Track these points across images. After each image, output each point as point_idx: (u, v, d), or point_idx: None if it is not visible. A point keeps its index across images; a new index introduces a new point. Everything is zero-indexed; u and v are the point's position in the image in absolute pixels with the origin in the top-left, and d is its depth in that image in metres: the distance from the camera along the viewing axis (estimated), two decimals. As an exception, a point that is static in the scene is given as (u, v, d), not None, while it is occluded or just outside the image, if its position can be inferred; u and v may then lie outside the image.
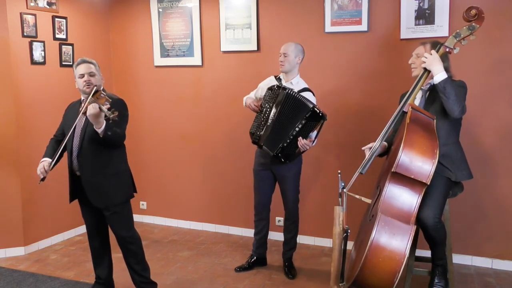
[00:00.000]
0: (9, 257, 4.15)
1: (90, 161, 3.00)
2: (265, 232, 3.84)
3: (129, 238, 3.16)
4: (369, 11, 3.94)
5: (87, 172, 3.02)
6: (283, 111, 3.40)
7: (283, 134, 3.41)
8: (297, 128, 3.37)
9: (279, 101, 3.41)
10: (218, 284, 3.59)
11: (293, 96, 3.37)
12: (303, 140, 3.37)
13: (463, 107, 2.83)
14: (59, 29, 4.46)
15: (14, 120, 4.12)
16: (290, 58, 3.50)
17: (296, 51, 3.52)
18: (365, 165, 2.86)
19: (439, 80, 2.79)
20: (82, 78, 2.96)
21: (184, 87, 4.79)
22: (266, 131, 3.47)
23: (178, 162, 4.91)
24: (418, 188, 2.67)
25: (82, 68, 2.98)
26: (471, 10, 2.86)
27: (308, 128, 3.39)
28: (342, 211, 2.52)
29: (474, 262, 3.85)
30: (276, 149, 3.44)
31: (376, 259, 2.50)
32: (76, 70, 3.00)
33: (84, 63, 2.99)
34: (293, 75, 3.57)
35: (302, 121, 3.35)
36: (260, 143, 3.51)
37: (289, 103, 3.38)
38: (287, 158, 3.48)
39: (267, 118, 3.46)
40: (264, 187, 3.73)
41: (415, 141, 2.66)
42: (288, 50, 3.51)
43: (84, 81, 2.95)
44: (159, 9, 4.75)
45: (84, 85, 2.96)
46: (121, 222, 3.13)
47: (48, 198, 4.43)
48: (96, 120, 2.78)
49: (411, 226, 2.58)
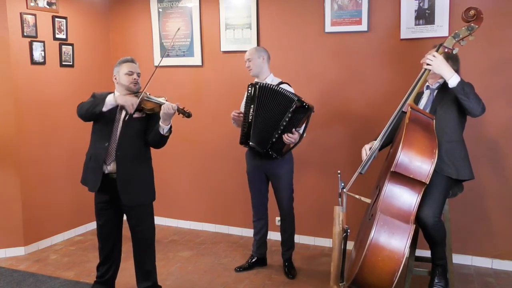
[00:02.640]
0: (9, 257, 4.15)
1: (128, 157, 3.03)
2: (264, 232, 3.84)
3: (151, 242, 3.20)
4: (369, 11, 3.94)
5: (123, 167, 3.02)
6: (262, 104, 3.43)
7: (270, 130, 3.43)
8: (284, 122, 3.38)
9: (255, 96, 3.45)
10: (218, 284, 3.59)
11: (267, 87, 3.42)
12: (288, 135, 3.38)
13: (483, 105, 2.82)
14: (59, 29, 4.46)
15: (14, 120, 4.12)
16: (254, 61, 3.58)
17: (257, 52, 3.60)
18: (365, 165, 2.87)
19: (456, 83, 2.76)
20: (131, 75, 3.10)
21: (184, 87, 4.79)
22: (249, 127, 3.48)
23: (178, 162, 4.91)
24: (417, 187, 2.67)
25: (132, 66, 3.13)
26: (469, 10, 2.86)
27: (295, 121, 3.40)
28: (342, 211, 2.53)
29: (474, 262, 3.84)
30: (267, 145, 3.45)
31: (375, 259, 2.50)
32: (121, 67, 3.11)
33: (134, 63, 3.16)
34: (265, 75, 3.62)
35: (288, 114, 3.37)
36: (247, 141, 3.51)
37: (266, 95, 3.42)
38: (278, 153, 3.50)
39: (248, 115, 3.49)
40: (259, 188, 3.74)
41: (414, 141, 2.66)
42: (249, 54, 3.60)
43: (134, 79, 3.10)
44: (159, 9, 4.75)
45: (131, 82, 3.09)
46: (145, 224, 3.16)
47: (48, 198, 4.43)
48: (168, 118, 2.98)
49: (410, 226, 2.58)
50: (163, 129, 3.02)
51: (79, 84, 4.71)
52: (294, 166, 3.70)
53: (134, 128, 3.04)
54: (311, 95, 4.20)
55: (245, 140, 3.53)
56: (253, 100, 3.47)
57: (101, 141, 3.06)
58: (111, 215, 3.18)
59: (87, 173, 3.17)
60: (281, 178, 3.63)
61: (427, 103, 3.04)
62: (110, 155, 3.04)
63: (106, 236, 3.22)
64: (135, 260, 3.22)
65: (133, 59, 3.19)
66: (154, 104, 3.07)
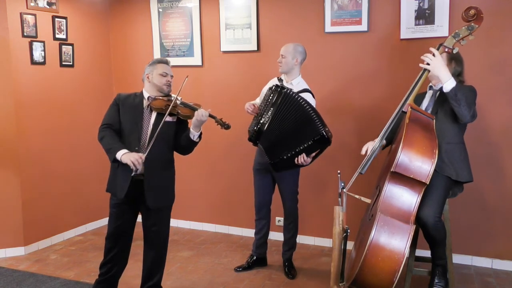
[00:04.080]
0: (9, 257, 4.15)
1: (157, 161, 3.02)
2: (265, 232, 3.84)
3: (166, 244, 3.19)
4: (369, 11, 3.94)
5: (152, 171, 3.01)
6: (282, 114, 3.34)
7: (283, 144, 3.36)
8: (301, 147, 3.31)
9: (276, 100, 3.36)
10: (218, 284, 3.59)
11: (294, 100, 3.31)
12: (304, 157, 3.32)
13: (474, 112, 2.82)
14: (59, 29, 4.46)
15: (14, 120, 4.12)
16: (287, 59, 3.51)
17: (293, 52, 3.51)
18: (365, 165, 2.86)
19: (450, 88, 2.76)
20: (165, 77, 3.10)
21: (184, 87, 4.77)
22: (262, 128, 3.40)
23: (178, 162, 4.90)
24: (417, 187, 2.67)
25: (167, 68, 3.13)
26: (470, 10, 2.86)
27: (312, 149, 3.34)
28: (342, 211, 2.52)
29: (474, 262, 3.85)
30: (276, 159, 3.39)
31: (376, 259, 2.50)
32: (156, 66, 3.10)
33: (168, 65, 3.16)
34: (293, 76, 3.56)
35: (309, 142, 3.30)
36: (257, 141, 3.47)
37: (289, 107, 3.32)
38: (278, 169, 3.46)
39: (265, 115, 3.41)
40: (264, 187, 3.73)
41: (414, 141, 2.66)
42: (285, 51, 3.52)
43: (167, 81, 3.11)
44: (159, 9, 4.75)
45: (165, 84, 3.10)
46: (163, 226, 3.15)
47: (48, 198, 4.43)
48: (200, 125, 3.03)
49: (411, 226, 2.58)
50: (194, 136, 3.05)
51: (79, 84, 4.71)
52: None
53: (165, 133, 3.01)
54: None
55: (255, 140, 3.47)
56: (274, 104, 3.36)
57: (131, 146, 2.99)
58: (128, 217, 3.13)
59: (115, 179, 3.07)
60: (287, 179, 3.62)
61: (429, 104, 3.04)
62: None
63: (119, 238, 3.13)
64: (145, 261, 3.18)
65: (168, 60, 3.18)
66: (189, 111, 3.09)
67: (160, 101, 3.05)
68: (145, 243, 3.17)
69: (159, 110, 3.02)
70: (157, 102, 3.04)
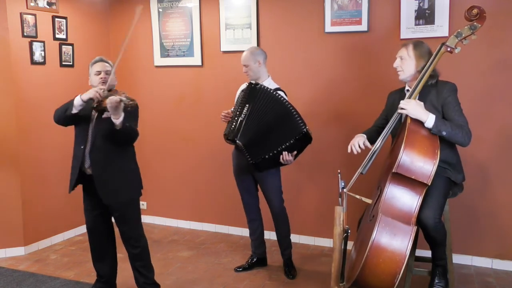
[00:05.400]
0: (9, 257, 4.15)
1: (102, 157, 3.03)
2: (260, 231, 3.84)
3: (136, 239, 3.17)
4: (369, 11, 3.94)
5: (98, 168, 3.03)
6: (258, 105, 3.38)
7: (264, 142, 3.37)
8: (284, 146, 3.34)
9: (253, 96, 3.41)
10: (218, 284, 3.59)
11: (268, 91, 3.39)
12: (288, 156, 3.35)
13: (467, 132, 2.79)
14: (59, 29, 4.46)
15: (14, 120, 4.12)
16: (250, 66, 3.55)
17: (253, 57, 3.54)
18: (366, 165, 2.86)
19: (431, 125, 2.72)
20: (99, 75, 3.09)
21: (184, 87, 4.79)
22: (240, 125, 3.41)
23: (178, 162, 4.91)
24: (418, 188, 2.66)
25: (99, 65, 3.13)
26: (472, 9, 2.85)
27: (294, 147, 3.38)
28: (342, 211, 2.52)
29: (474, 262, 3.85)
30: (257, 159, 3.38)
31: (377, 260, 2.50)
32: (92, 68, 3.13)
33: (101, 62, 3.14)
34: (263, 79, 3.59)
35: (291, 140, 3.33)
36: (235, 138, 3.43)
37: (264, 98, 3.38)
38: (260, 169, 3.45)
39: (241, 113, 3.43)
40: (247, 188, 3.74)
41: (416, 142, 2.65)
42: (245, 60, 3.56)
43: (100, 78, 3.09)
44: (159, 9, 4.75)
45: (99, 82, 3.07)
46: (128, 222, 3.15)
47: (48, 198, 4.43)
48: (115, 111, 2.84)
49: (412, 227, 2.58)
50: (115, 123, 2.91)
51: (79, 84, 4.68)
52: (295, 166, 3.69)
53: (105, 128, 2.98)
54: (311, 95, 4.21)
55: (233, 137, 3.44)
56: (251, 100, 3.41)
57: (78, 144, 3.09)
58: (98, 213, 3.20)
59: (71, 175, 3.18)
60: (269, 179, 3.59)
61: None
62: (87, 157, 3.06)
63: (93, 231, 3.27)
64: (129, 261, 3.24)
65: (102, 58, 3.18)
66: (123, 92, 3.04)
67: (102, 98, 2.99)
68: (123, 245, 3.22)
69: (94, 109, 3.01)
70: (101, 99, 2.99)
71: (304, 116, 3.56)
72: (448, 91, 2.87)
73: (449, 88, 2.88)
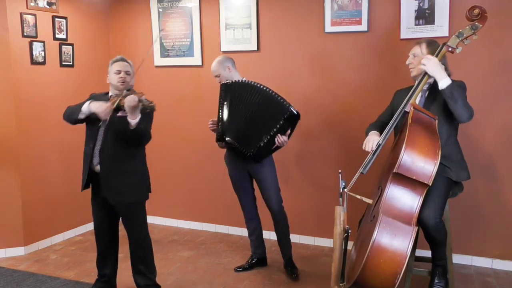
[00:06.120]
0: (9, 257, 4.15)
1: (111, 156, 3.03)
2: (259, 231, 3.84)
3: (142, 241, 3.18)
4: (369, 11, 3.95)
5: (106, 167, 3.04)
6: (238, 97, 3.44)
7: (254, 130, 3.40)
8: (275, 129, 3.36)
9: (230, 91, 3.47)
10: (218, 284, 3.59)
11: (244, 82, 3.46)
12: (282, 137, 3.38)
13: (471, 111, 2.81)
14: (59, 29, 4.46)
15: (14, 120, 4.12)
16: (222, 75, 3.60)
17: (221, 66, 3.60)
18: (366, 165, 2.86)
19: (445, 86, 2.76)
20: (118, 74, 3.09)
21: (184, 87, 4.78)
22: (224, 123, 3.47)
23: (178, 162, 4.91)
24: (419, 189, 2.66)
25: (120, 65, 3.13)
26: (474, 9, 2.85)
27: (285, 128, 3.40)
28: (343, 211, 2.52)
29: (474, 262, 3.85)
30: (253, 149, 3.41)
31: (378, 260, 2.50)
32: (112, 66, 3.14)
33: (122, 61, 3.15)
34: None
35: (280, 122, 3.35)
36: (223, 137, 3.47)
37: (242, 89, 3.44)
38: (263, 158, 3.48)
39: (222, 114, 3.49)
40: (246, 188, 3.75)
41: (417, 142, 2.65)
42: (216, 71, 3.62)
43: (120, 77, 3.08)
44: (159, 9, 4.75)
45: (118, 81, 3.08)
46: (134, 223, 3.16)
47: (48, 198, 4.43)
48: (133, 111, 2.84)
49: (413, 227, 2.58)
50: (130, 123, 2.92)
51: (79, 84, 4.70)
52: (295, 166, 3.69)
53: (118, 128, 2.98)
54: (311, 95, 4.21)
55: (221, 137, 3.49)
56: (227, 97, 3.47)
57: (88, 143, 3.09)
58: (105, 213, 3.20)
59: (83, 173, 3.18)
60: (266, 176, 3.59)
61: (420, 102, 3.03)
62: (96, 156, 3.06)
63: (100, 232, 3.26)
64: (130, 259, 3.24)
65: (123, 57, 3.19)
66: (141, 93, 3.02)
67: (115, 97, 3.02)
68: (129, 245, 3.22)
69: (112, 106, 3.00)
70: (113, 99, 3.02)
71: (303, 116, 3.58)
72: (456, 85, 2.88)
73: (458, 84, 2.90)
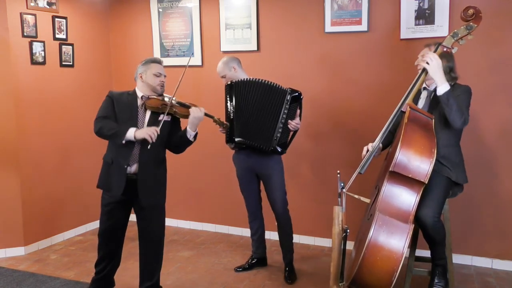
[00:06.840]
0: (9, 257, 4.15)
1: (152, 160, 3.04)
2: (261, 231, 3.84)
3: (161, 240, 3.19)
4: (369, 11, 3.94)
5: (146, 170, 3.03)
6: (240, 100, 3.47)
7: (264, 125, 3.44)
8: (284, 115, 3.42)
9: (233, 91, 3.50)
10: (218, 284, 3.59)
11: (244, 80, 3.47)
12: (294, 122, 3.44)
13: (466, 118, 2.81)
14: (59, 29, 4.46)
15: (14, 120, 4.13)
16: (228, 75, 3.61)
17: (226, 67, 3.62)
18: (364, 165, 2.86)
19: (443, 92, 2.77)
20: (159, 77, 3.10)
21: (184, 87, 4.76)
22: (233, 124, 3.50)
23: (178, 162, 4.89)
24: (416, 187, 2.66)
25: (160, 68, 3.13)
26: (468, 9, 2.86)
27: (293, 111, 3.46)
28: (341, 211, 2.52)
29: (474, 262, 3.84)
30: (273, 143, 3.44)
31: (374, 258, 2.50)
32: (150, 66, 3.11)
33: (162, 64, 3.16)
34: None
35: (286, 106, 3.41)
36: (232, 137, 3.50)
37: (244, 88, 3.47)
38: (284, 148, 3.51)
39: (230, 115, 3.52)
40: (253, 189, 3.75)
41: (413, 140, 2.66)
42: (221, 72, 3.64)
43: (161, 81, 3.11)
44: (159, 9, 4.75)
45: (159, 84, 3.10)
46: (159, 223, 3.16)
47: (48, 198, 4.43)
48: (197, 124, 3.00)
49: (409, 225, 2.58)
50: (190, 135, 3.05)
51: (79, 84, 4.71)
52: (294, 165, 3.69)
53: (161, 132, 2.98)
54: (311, 95, 4.21)
55: (230, 138, 3.52)
56: (232, 97, 3.50)
57: (125, 145, 3.00)
58: (120, 216, 3.15)
59: (109, 177, 3.08)
60: (273, 178, 3.59)
61: (424, 105, 3.03)
62: (134, 158, 3.02)
63: (111, 236, 3.17)
64: (141, 260, 3.19)
65: (161, 60, 3.20)
66: (185, 110, 3.10)
67: (155, 100, 3.06)
68: (140, 242, 3.18)
69: (154, 109, 3.05)
70: (152, 101, 3.05)
71: (303, 116, 3.59)
72: (461, 91, 2.90)
73: (463, 89, 2.92)
